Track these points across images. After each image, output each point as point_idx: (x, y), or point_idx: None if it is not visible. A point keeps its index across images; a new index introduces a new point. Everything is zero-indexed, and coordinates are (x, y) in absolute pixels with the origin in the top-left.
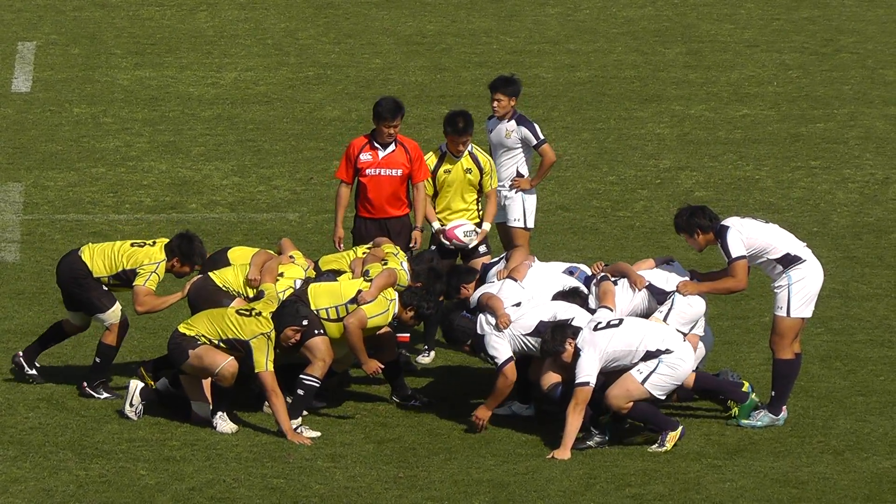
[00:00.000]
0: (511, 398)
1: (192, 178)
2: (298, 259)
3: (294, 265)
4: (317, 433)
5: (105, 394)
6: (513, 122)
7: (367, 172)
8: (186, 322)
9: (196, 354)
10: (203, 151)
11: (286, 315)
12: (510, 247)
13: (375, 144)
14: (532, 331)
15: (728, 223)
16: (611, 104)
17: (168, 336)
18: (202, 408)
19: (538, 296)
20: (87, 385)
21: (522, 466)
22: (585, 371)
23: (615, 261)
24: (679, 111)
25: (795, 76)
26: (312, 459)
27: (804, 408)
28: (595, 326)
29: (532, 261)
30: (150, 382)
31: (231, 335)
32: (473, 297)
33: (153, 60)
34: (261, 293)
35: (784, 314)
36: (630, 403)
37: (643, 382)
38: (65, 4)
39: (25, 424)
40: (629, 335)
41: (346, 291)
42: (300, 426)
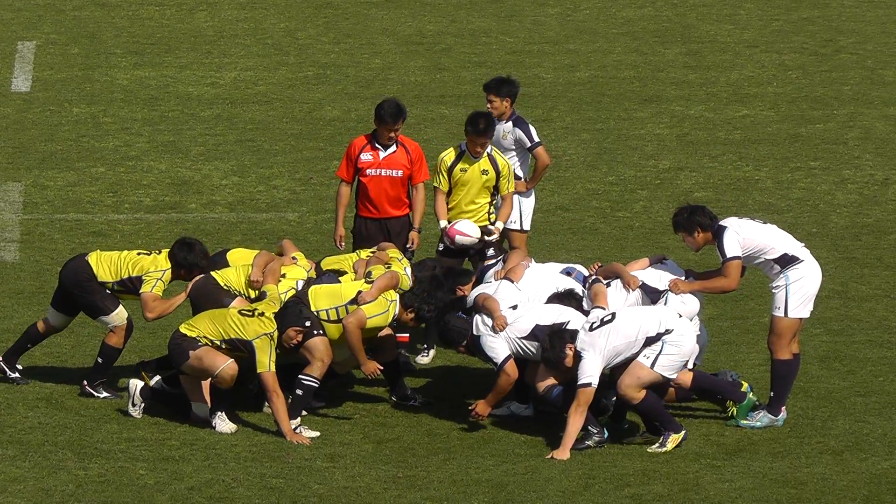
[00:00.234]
0: (510, 398)
1: (192, 178)
2: (301, 260)
3: (296, 266)
4: (316, 433)
5: (105, 393)
6: (509, 124)
7: (368, 172)
8: (188, 322)
9: (196, 356)
10: (202, 151)
11: (289, 316)
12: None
13: (376, 145)
14: (528, 334)
15: (726, 223)
16: (610, 104)
17: (168, 336)
18: (201, 408)
19: (534, 297)
20: (87, 384)
21: (521, 466)
22: (588, 372)
23: (614, 261)
24: (678, 112)
25: (795, 77)
26: (311, 459)
27: (803, 408)
28: (590, 327)
29: (529, 262)
30: (148, 382)
31: (233, 335)
32: (470, 298)
33: (153, 60)
34: (263, 294)
35: (782, 314)
36: (642, 392)
37: (652, 366)
38: (64, 4)
39: (25, 424)
40: (626, 327)
41: (347, 292)
42: (299, 426)
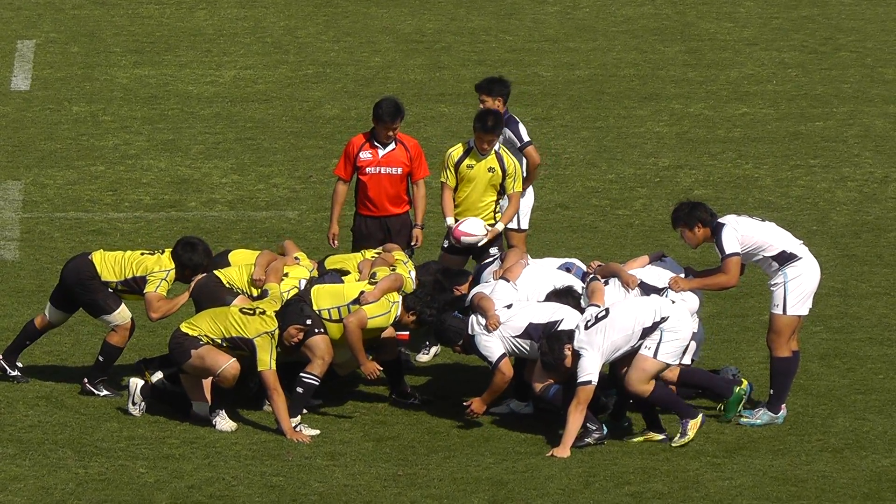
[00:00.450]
0: (509, 396)
1: (192, 177)
2: (303, 260)
3: (299, 266)
4: (316, 431)
5: (105, 391)
6: None
7: (368, 171)
8: (189, 321)
9: (198, 355)
10: (202, 149)
11: (290, 314)
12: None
13: (375, 143)
14: (521, 333)
15: (724, 220)
16: (610, 102)
17: (168, 335)
18: (202, 407)
19: (532, 296)
20: (88, 381)
21: (521, 464)
22: (587, 370)
23: (613, 259)
24: (678, 109)
25: (794, 75)
26: (311, 457)
27: (803, 406)
28: (586, 325)
29: (527, 260)
30: (149, 379)
31: (234, 333)
32: (468, 297)
33: (152, 59)
34: (265, 293)
35: (780, 312)
36: (651, 384)
37: (655, 356)
38: (64, 3)
39: (25, 422)
40: (621, 321)
41: (349, 292)
42: (299, 424)
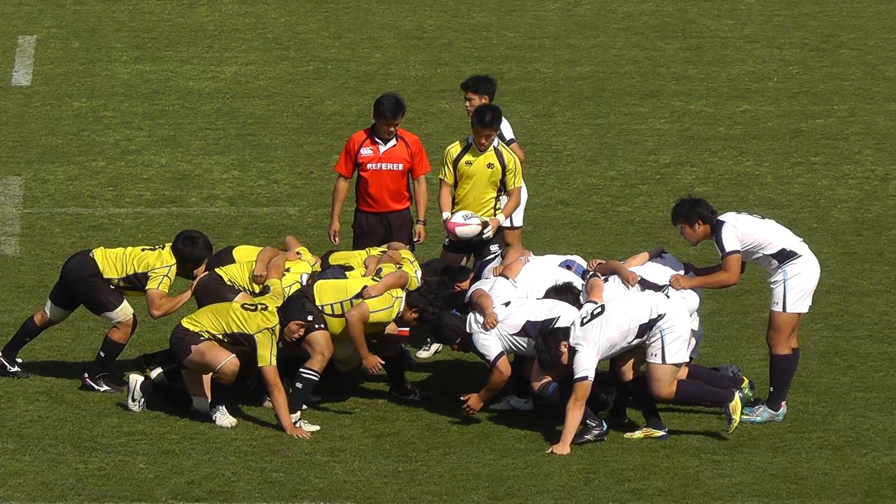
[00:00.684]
0: (509, 393)
1: (192, 172)
2: (305, 255)
3: (301, 261)
4: (316, 427)
5: (105, 387)
6: None
7: (369, 167)
8: (190, 317)
9: (199, 350)
10: (203, 145)
11: (291, 310)
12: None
13: (376, 139)
14: (519, 330)
15: (724, 218)
16: (611, 99)
17: (169, 331)
18: (202, 403)
19: (532, 293)
20: (88, 377)
21: (521, 461)
22: (584, 366)
23: (614, 256)
24: (679, 107)
25: (795, 72)
26: (311, 453)
27: (803, 403)
28: (582, 321)
29: (528, 257)
30: (149, 375)
31: (235, 329)
32: (468, 294)
33: (153, 54)
34: (266, 289)
35: (780, 309)
36: (674, 386)
37: (664, 362)
38: None
39: (25, 417)
40: (617, 317)
41: (352, 287)
42: (299, 420)
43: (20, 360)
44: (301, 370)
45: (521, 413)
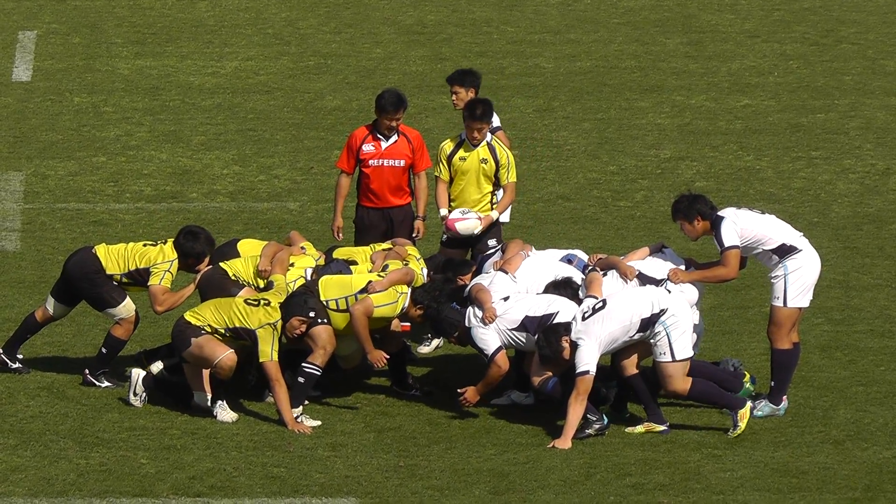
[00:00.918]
0: (510, 387)
1: (193, 168)
2: (309, 250)
3: (305, 256)
4: (317, 422)
5: (106, 382)
6: None
7: (370, 163)
8: (193, 310)
9: (198, 343)
10: (203, 141)
11: (294, 305)
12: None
13: (378, 135)
14: (518, 325)
15: (723, 213)
16: (611, 94)
17: (170, 326)
18: (202, 397)
19: (531, 288)
20: (90, 373)
21: (523, 455)
22: (585, 360)
23: (614, 251)
24: (680, 101)
25: (796, 66)
26: (313, 448)
27: (804, 398)
28: (583, 316)
29: (528, 251)
30: (150, 370)
31: (238, 324)
32: (466, 288)
33: (154, 50)
34: (270, 284)
35: (781, 304)
36: (688, 381)
37: (674, 360)
38: None
39: (26, 413)
40: (619, 312)
41: (357, 282)
42: (300, 415)
43: (21, 356)
44: (303, 365)
45: (523, 408)
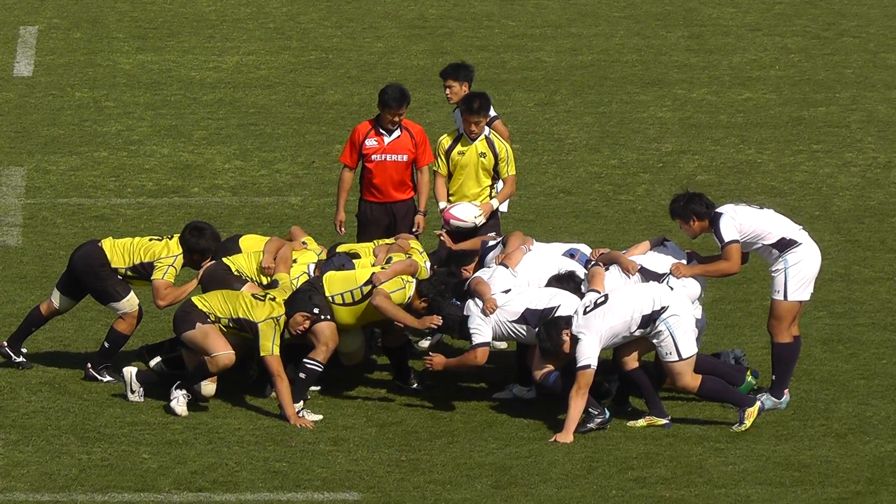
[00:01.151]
0: (512, 381)
1: (194, 162)
2: (311, 244)
3: (307, 251)
4: (319, 416)
5: (108, 377)
6: None
7: (373, 158)
8: (201, 296)
9: (203, 330)
10: (205, 135)
11: (298, 301)
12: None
13: (380, 130)
14: (518, 317)
15: (722, 210)
16: (613, 88)
17: (171, 317)
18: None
19: (533, 282)
20: (91, 367)
21: (525, 450)
22: (586, 354)
23: (616, 245)
24: (681, 95)
25: (797, 60)
26: (315, 443)
27: (806, 391)
28: (585, 310)
29: (530, 245)
30: (150, 365)
31: (242, 315)
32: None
33: (155, 44)
34: (275, 282)
35: (781, 298)
36: (697, 378)
37: (681, 359)
38: None
39: (27, 408)
40: (620, 307)
41: (361, 276)
42: (302, 410)
43: (24, 351)
44: (305, 361)
45: (524, 402)
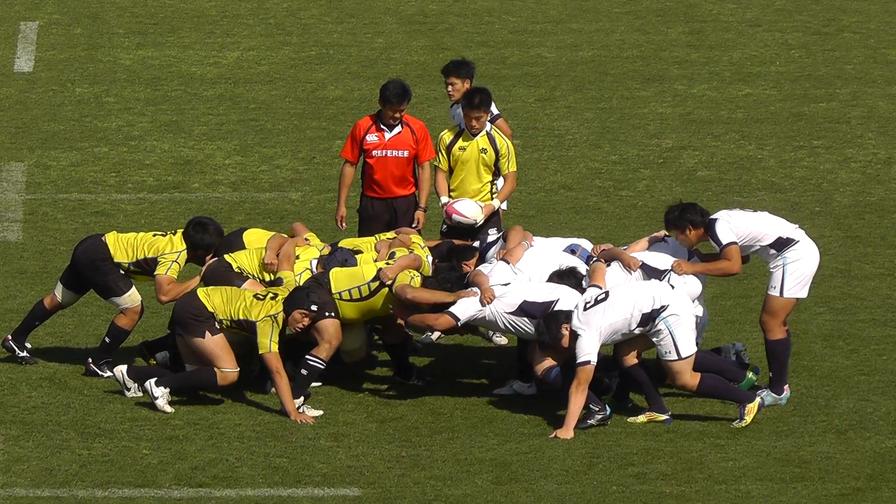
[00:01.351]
0: (512, 377)
1: (195, 158)
2: (313, 240)
3: (310, 247)
4: (319, 412)
5: (108, 372)
6: None
7: (374, 154)
8: (205, 289)
9: (213, 340)
10: (205, 131)
11: (296, 299)
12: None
13: (381, 126)
14: (516, 309)
15: (716, 216)
16: (613, 83)
17: (170, 314)
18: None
19: (534, 278)
20: (92, 361)
21: (525, 445)
22: (586, 350)
23: (617, 241)
24: (681, 91)
25: (798, 56)
26: (315, 439)
27: (807, 387)
28: (585, 306)
29: (530, 241)
30: (152, 361)
31: (241, 316)
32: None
33: (156, 40)
34: (279, 280)
35: (777, 294)
36: (696, 377)
37: (680, 358)
38: None
39: (28, 404)
40: (620, 304)
41: (367, 272)
42: (302, 405)
43: (28, 346)
44: (307, 357)
45: (525, 398)
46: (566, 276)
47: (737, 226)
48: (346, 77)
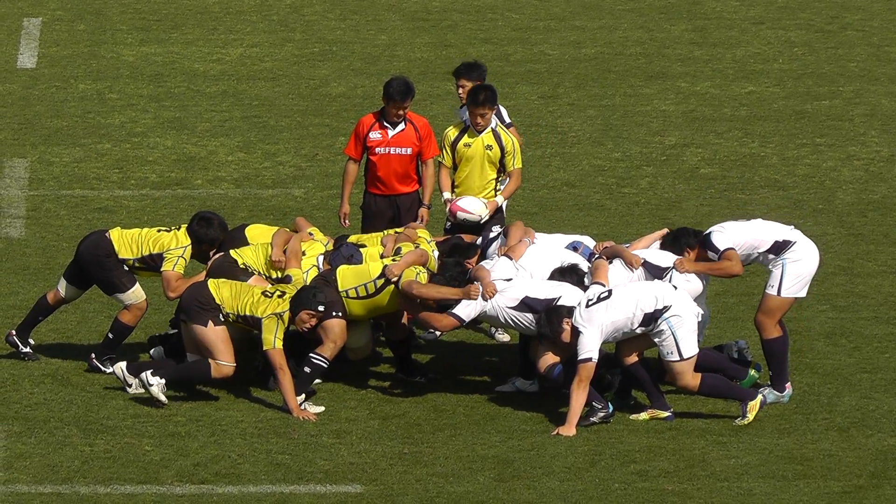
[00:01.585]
0: (515, 374)
1: (198, 155)
2: (317, 235)
3: (315, 242)
4: (321, 409)
5: (111, 368)
6: None
7: (377, 151)
8: (214, 281)
9: (214, 331)
10: (208, 127)
11: (302, 299)
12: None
13: (385, 123)
14: (517, 304)
15: (710, 230)
16: (616, 81)
17: (174, 309)
18: (192, 359)
19: (536, 274)
20: (95, 357)
21: (527, 443)
22: (587, 347)
23: (620, 238)
24: (684, 88)
25: (801, 53)
26: (317, 435)
27: (809, 385)
28: (587, 303)
29: (532, 237)
30: (146, 356)
31: (248, 312)
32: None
33: (159, 36)
34: (287, 278)
35: (774, 292)
36: (697, 378)
37: (682, 359)
38: None
39: (30, 400)
40: (623, 303)
41: (374, 269)
42: (304, 402)
43: (32, 342)
44: (311, 355)
45: (527, 395)
46: (568, 274)
47: (732, 236)
48: (350, 74)
